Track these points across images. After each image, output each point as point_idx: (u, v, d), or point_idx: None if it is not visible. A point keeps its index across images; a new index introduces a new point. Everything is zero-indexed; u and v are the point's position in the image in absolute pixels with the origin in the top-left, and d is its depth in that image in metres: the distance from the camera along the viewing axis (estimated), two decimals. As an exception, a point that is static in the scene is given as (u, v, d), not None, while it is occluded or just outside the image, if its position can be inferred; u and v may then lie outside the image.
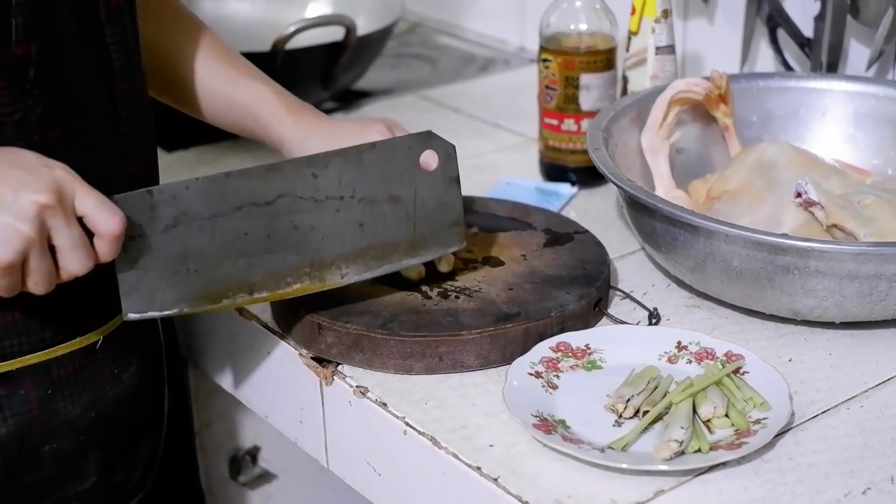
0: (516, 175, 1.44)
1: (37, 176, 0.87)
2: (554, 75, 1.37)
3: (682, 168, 1.27)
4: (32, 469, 1.02)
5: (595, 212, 1.34)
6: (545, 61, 1.37)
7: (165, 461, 1.16)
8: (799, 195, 1.13)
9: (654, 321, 1.11)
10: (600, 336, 1.06)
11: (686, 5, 1.57)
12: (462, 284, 1.12)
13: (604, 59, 1.36)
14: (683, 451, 0.91)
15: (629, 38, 1.36)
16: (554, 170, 1.41)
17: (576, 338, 1.05)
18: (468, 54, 1.91)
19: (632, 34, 1.36)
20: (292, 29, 1.49)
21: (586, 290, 1.10)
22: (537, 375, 1.01)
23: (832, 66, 1.38)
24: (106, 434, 1.06)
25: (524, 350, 1.03)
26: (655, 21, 1.33)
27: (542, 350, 1.03)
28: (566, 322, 1.07)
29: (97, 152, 0.99)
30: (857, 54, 1.39)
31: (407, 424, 0.99)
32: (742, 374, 1.00)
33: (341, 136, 1.12)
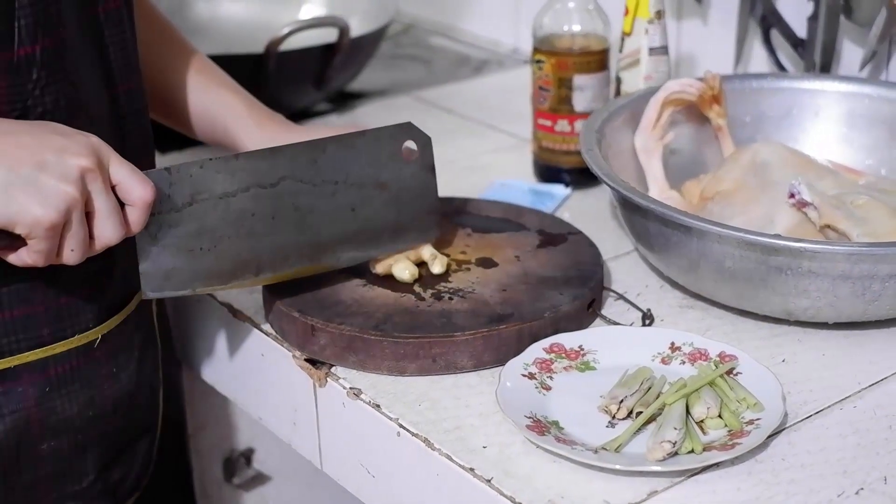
0: (510, 176, 1.44)
1: (76, 141, 0.90)
2: (547, 76, 1.37)
3: (676, 169, 1.27)
4: (30, 467, 1.02)
5: (589, 213, 1.34)
6: (539, 62, 1.37)
7: (158, 462, 1.16)
8: (792, 195, 1.13)
9: (648, 322, 1.11)
10: (594, 337, 1.06)
11: (679, 6, 1.57)
12: (456, 286, 1.12)
13: (597, 60, 1.36)
14: (677, 452, 0.91)
15: (622, 39, 1.36)
16: (547, 171, 1.41)
17: (569, 339, 1.05)
18: (462, 55, 1.91)
19: (625, 35, 1.36)
20: (286, 30, 1.49)
21: (580, 291, 1.10)
22: (531, 377, 1.01)
23: (825, 67, 1.38)
24: (103, 433, 1.06)
25: (518, 351, 1.03)
26: (649, 22, 1.33)
27: (536, 351, 1.03)
28: (560, 323, 1.07)
29: None
30: (851, 54, 1.39)
31: (400, 426, 0.99)
32: (735, 375, 1.00)
33: (292, 133, 1.15)
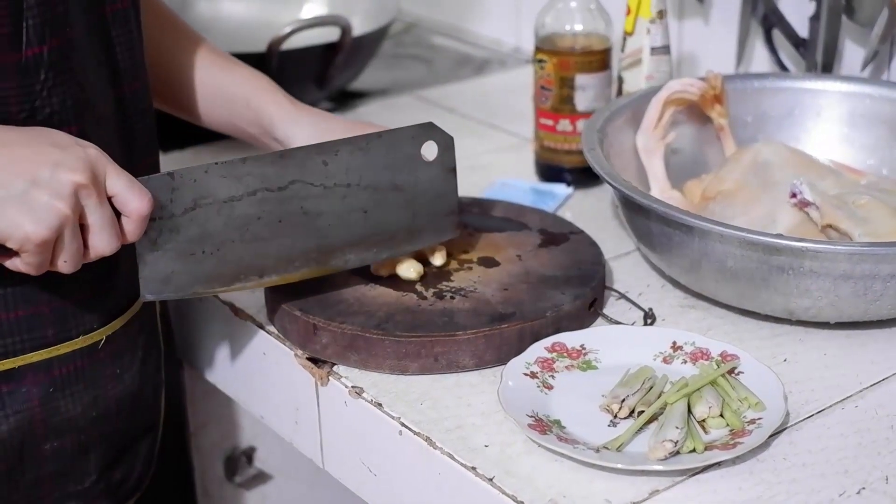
0: (511, 175, 1.44)
1: (72, 155, 0.89)
2: (549, 76, 1.37)
3: (677, 168, 1.27)
4: (33, 467, 1.02)
5: (590, 212, 1.34)
6: (540, 62, 1.37)
7: (159, 461, 1.17)
8: (794, 195, 1.13)
9: (650, 321, 1.11)
10: (595, 336, 1.06)
11: (681, 6, 1.57)
12: (457, 285, 1.12)
13: (599, 60, 1.36)
14: (678, 451, 0.91)
15: (624, 39, 1.36)
16: (549, 170, 1.41)
17: (571, 338, 1.05)
18: (464, 55, 1.91)
19: (627, 34, 1.36)
20: (288, 30, 1.49)
21: (581, 291, 1.10)
22: (532, 376, 1.01)
23: (827, 67, 1.38)
24: (106, 433, 1.06)
25: (519, 350, 1.03)
26: (650, 21, 1.33)
27: (538, 350, 1.03)
28: (561, 322, 1.07)
29: (105, 151, 0.99)
30: (852, 54, 1.39)
31: (402, 425, 0.99)
32: (737, 375, 1.00)
33: (329, 120, 1.15)
